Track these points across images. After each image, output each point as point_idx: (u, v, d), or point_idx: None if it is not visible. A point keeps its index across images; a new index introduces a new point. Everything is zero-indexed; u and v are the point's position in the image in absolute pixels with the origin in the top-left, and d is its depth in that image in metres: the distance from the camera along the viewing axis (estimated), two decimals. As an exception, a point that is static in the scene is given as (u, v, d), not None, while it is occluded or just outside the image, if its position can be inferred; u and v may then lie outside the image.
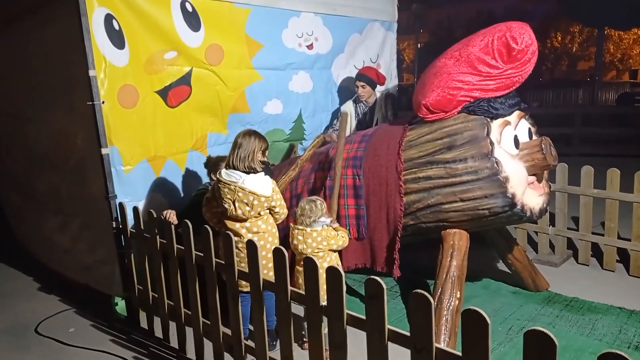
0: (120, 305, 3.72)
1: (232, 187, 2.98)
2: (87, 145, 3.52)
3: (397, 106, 4.79)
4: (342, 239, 3.17)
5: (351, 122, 4.72)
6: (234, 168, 3.01)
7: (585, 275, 4.28)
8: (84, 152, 3.61)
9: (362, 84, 4.59)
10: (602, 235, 4.38)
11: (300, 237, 3.10)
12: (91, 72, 3.28)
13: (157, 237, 3.16)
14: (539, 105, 16.05)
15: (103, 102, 3.33)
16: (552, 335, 1.50)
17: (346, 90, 5.03)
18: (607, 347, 3.08)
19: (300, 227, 3.11)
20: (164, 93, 3.70)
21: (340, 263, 3.28)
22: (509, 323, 3.46)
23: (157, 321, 3.40)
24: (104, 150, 3.38)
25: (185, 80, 3.81)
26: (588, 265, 4.47)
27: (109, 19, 3.35)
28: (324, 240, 3.09)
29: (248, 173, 3.01)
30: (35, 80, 4.02)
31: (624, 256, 4.36)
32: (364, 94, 4.61)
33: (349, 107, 4.71)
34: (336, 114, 4.83)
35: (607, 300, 3.74)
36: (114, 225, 3.48)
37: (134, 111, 3.53)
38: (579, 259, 4.55)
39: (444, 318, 3.04)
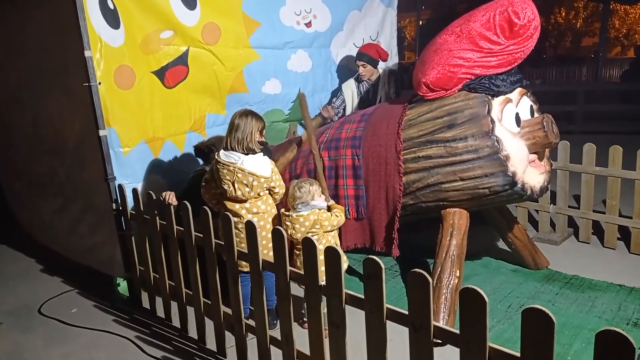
0: (122, 286, 3.75)
1: (232, 168, 2.97)
2: (84, 127, 3.49)
3: (399, 84, 4.73)
4: (336, 218, 3.14)
5: (353, 101, 4.67)
6: (232, 149, 3.00)
7: (585, 253, 4.28)
8: (82, 134, 3.59)
9: (362, 63, 4.51)
10: (604, 213, 4.37)
11: (288, 223, 3.08)
12: (87, 53, 3.23)
13: (157, 218, 3.16)
14: (542, 82, 15.86)
15: (99, 84, 3.30)
16: (549, 313, 1.49)
17: (346, 69, 4.97)
18: (607, 324, 3.10)
19: (287, 213, 3.09)
20: (160, 73, 3.66)
21: (338, 243, 3.28)
22: (509, 301, 3.48)
23: (159, 301, 3.43)
24: (101, 132, 3.35)
25: (182, 60, 3.76)
26: (589, 243, 4.47)
27: (103, -2, 3.29)
28: (315, 223, 3.07)
29: (247, 154, 2.99)
30: (31, 62, 3.97)
31: (625, 234, 4.35)
32: (366, 73, 4.54)
33: (350, 85, 4.65)
34: (336, 93, 4.77)
35: (607, 277, 3.75)
36: (114, 207, 3.47)
37: (131, 92, 3.50)
38: (579, 237, 4.55)
39: (444, 296, 3.05)
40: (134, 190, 3.37)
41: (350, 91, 4.63)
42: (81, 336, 3.29)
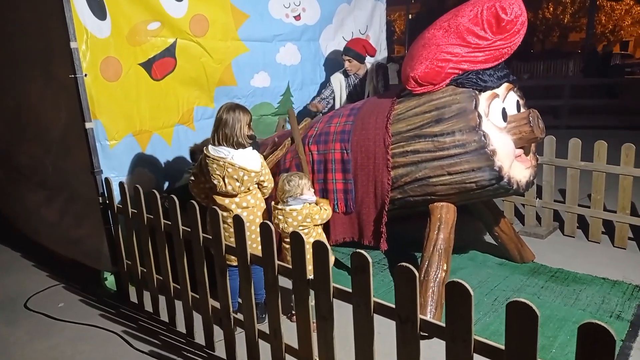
0: (110, 280, 3.73)
1: (221, 162, 2.95)
2: (70, 118, 3.45)
3: (387, 78, 4.73)
4: (325, 211, 3.16)
5: (341, 94, 4.67)
6: (221, 144, 2.98)
7: (570, 247, 4.35)
8: (68, 124, 3.54)
9: (348, 58, 4.51)
10: (589, 207, 4.43)
11: (280, 217, 3.09)
12: (72, 44, 3.19)
13: (144, 212, 3.14)
14: (529, 77, 15.99)
15: (85, 75, 3.26)
16: (533, 306, 1.51)
17: (334, 62, 4.96)
18: (590, 316, 3.16)
19: (280, 207, 3.09)
20: (148, 65, 3.62)
21: (325, 238, 3.29)
22: (495, 294, 3.52)
23: (146, 295, 3.41)
24: (87, 125, 3.31)
25: (170, 52, 3.73)
26: (574, 237, 4.54)
27: (88, -12, 3.24)
28: (307, 217, 3.07)
29: (236, 149, 2.98)
30: (13, 49, 3.90)
31: (609, 228, 4.42)
32: (351, 68, 4.54)
33: (338, 78, 4.64)
34: (324, 85, 4.77)
35: (592, 271, 3.81)
36: (100, 201, 3.44)
37: (118, 84, 3.46)
38: (564, 231, 4.61)
39: (431, 290, 3.08)
40: (121, 184, 3.34)
41: (339, 83, 4.63)
42: (67, 330, 3.27)
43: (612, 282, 3.63)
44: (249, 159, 3.01)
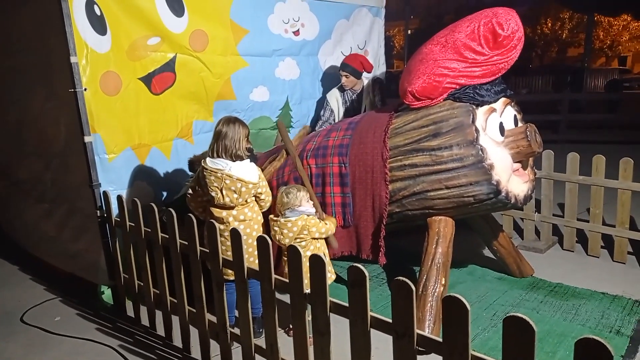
0: (107, 294, 3.71)
1: (219, 174, 2.96)
2: (69, 132, 3.47)
3: (385, 92, 4.76)
4: (325, 226, 3.15)
5: (339, 110, 4.69)
6: (220, 156, 2.99)
7: (569, 261, 4.33)
8: (67, 139, 3.56)
9: (345, 74, 4.53)
10: (587, 221, 4.43)
11: (276, 228, 3.09)
12: (72, 59, 3.22)
13: (142, 225, 3.14)
14: (528, 92, 16.10)
15: (85, 89, 3.28)
16: (530, 321, 1.51)
17: (333, 77, 4.99)
18: (590, 332, 3.13)
19: (275, 218, 3.10)
20: (147, 80, 3.65)
21: (327, 252, 3.28)
22: (494, 309, 3.50)
23: (143, 309, 3.39)
24: (86, 138, 3.33)
25: (169, 66, 3.76)
26: (573, 251, 4.52)
27: (90, 4, 3.28)
28: (303, 229, 3.07)
29: (234, 161, 2.99)
30: (14, 63, 3.93)
31: (608, 242, 4.41)
32: (348, 84, 4.56)
33: (335, 94, 4.67)
34: (322, 103, 4.79)
35: (591, 285, 3.79)
36: (98, 214, 3.44)
37: (117, 98, 3.48)
38: (564, 245, 4.60)
39: (429, 304, 3.06)
40: (119, 197, 3.35)
41: (336, 100, 4.66)
42: (64, 344, 3.24)
43: (612, 297, 3.61)
44: (247, 171, 3.02)
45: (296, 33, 4.64)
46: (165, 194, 3.87)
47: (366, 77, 4.70)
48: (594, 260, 4.34)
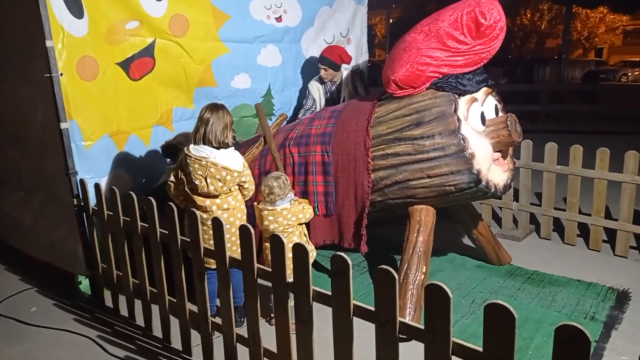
0: (84, 284, 3.65)
1: (204, 162, 2.92)
2: (46, 119, 3.38)
3: (366, 82, 4.74)
4: (308, 211, 3.20)
5: (320, 101, 4.66)
6: (203, 144, 2.94)
7: (546, 249, 4.42)
8: (44, 126, 3.47)
9: (323, 67, 4.48)
10: (564, 210, 4.52)
11: (271, 218, 3.07)
12: (48, 43, 3.12)
13: (121, 214, 3.08)
14: (507, 82, 16.29)
15: (61, 74, 3.19)
16: (511, 308, 1.53)
17: (316, 66, 4.95)
18: (566, 318, 3.21)
19: (270, 208, 3.08)
20: (125, 65, 3.56)
21: (307, 232, 3.31)
22: (472, 296, 3.55)
23: (122, 299, 3.35)
24: (62, 125, 3.24)
25: (148, 51, 3.67)
26: (550, 240, 4.62)
27: (66, -14, 3.17)
28: (294, 215, 3.09)
29: (219, 148, 2.94)
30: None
31: (584, 230, 4.51)
32: (327, 76, 4.53)
33: (316, 85, 4.63)
34: (304, 92, 4.75)
35: (567, 273, 3.88)
36: (75, 203, 3.37)
37: (95, 84, 3.39)
38: (541, 234, 4.69)
39: (410, 292, 3.09)
40: (97, 185, 3.28)
41: (317, 90, 4.62)
42: (41, 335, 3.18)
43: (587, 284, 3.70)
44: (232, 159, 2.99)
45: (278, 19, 4.57)
46: (144, 182, 3.81)
47: (346, 68, 4.67)
48: (570, 249, 4.43)
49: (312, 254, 3.15)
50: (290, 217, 3.09)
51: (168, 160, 3.62)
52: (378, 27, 31.15)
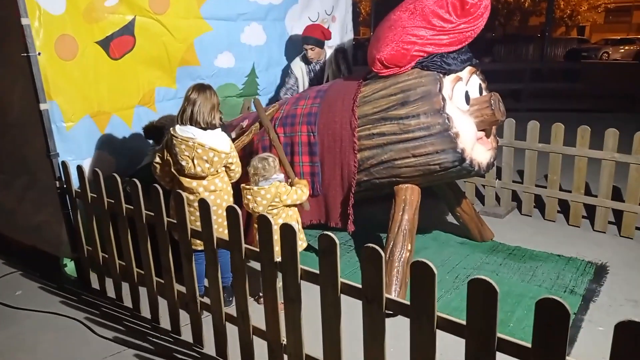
0: (70, 267, 3.63)
1: (190, 143, 2.89)
2: (25, 100, 3.30)
3: (350, 61, 4.71)
4: (295, 192, 3.16)
5: (304, 81, 4.61)
6: (190, 124, 2.90)
7: (528, 225, 4.52)
8: (23, 107, 3.38)
9: (310, 46, 4.40)
10: (545, 187, 4.60)
11: (249, 197, 3.08)
12: (24, 21, 3.03)
13: (105, 196, 3.05)
14: (490, 61, 16.34)
15: (39, 54, 3.11)
16: (493, 283, 1.57)
17: (300, 44, 4.90)
18: (546, 292, 3.30)
19: (248, 187, 3.09)
20: (105, 44, 3.48)
21: (299, 219, 3.30)
22: (456, 272, 3.63)
23: (109, 282, 3.34)
24: (42, 106, 3.18)
25: (129, 29, 3.59)
26: (531, 216, 4.71)
27: (40, -39, 3.07)
28: (275, 197, 3.08)
29: (205, 129, 2.91)
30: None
31: (564, 207, 4.61)
32: (314, 56, 4.46)
33: (299, 65, 4.57)
34: (287, 71, 4.69)
35: (547, 248, 3.97)
36: (58, 185, 3.32)
37: (74, 63, 3.32)
38: (522, 210, 4.78)
39: (395, 269, 3.15)
40: (79, 167, 3.24)
41: (300, 70, 4.57)
42: (27, 319, 3.17)
43: (567, 258, 3.80)
44: (219, 140, 2.96)
45: (262, -4, 4.49)
46: (127, 163, 3.76)
47: (329, 47, 4.62)
48: (550, 225, 4.54)
49: (302, 244, 3.16)
50: (270, 198, 3.07)
51: (151, 142, 3.57)
52: (363, 4, 30.79)
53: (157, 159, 3.09)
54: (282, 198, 3.09)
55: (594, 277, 3.51)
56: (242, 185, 3.15)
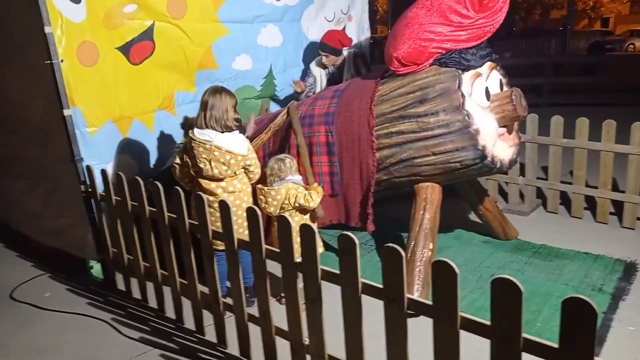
0: (96, 268, 3.70)
1: (208, 146, 2.92)
2: (48, 106, 3.38)
3: (369, 63, 4.68)
4: (304, 197, 3.08)
5: (322, 83, 4.61)
6: (207, 127, 2.94)
7: (553, 223, 4.43)
8: (46, 113, 3.47)
9: (324, 54, 4.41)
10: (571, 183, 4.50)
11: (261, 197, 3.09)
12: (47, 29, 3.10)
13: (128, 199, 3.10)
14: (511, 55, 16.07)
15: (62, 61, 3.18)
16: (517, 283, 1.54)
17: (317, 45, 4.90)
18: (573, 290, 3.23)
19: (260, 186, 3.10)
20: (125, 49, 3.54)
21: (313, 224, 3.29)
22: (480, 271, 3.58)
23: (134, 282, 3.40)
24: (66, 112, 3.25)
25: (148, 35, 3.64)
26: (557, 213, 4.61)
27: (61, -29, 3.14)
28: (285, 198, 3.07)
29: (223, 132, 2.94)
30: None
31: (591, 203, 4.50)
32: (329, 62, 4.46)
33: (317, 67, 4.57)
34: (306, 71, 4.69)
35: (574, 246, 3.88)
36: (83, 189, 3.39)
37: (95, 69, 3.38)
38: (547, 208, 4.68)
39: (417, 269, 3.12)
40: (103, 171, 3.30)
41: (319, 72, 4.57)
42: (55, 319, 3.24)
43: (594, 256, 3.71)
44: (236, 142, 2.99)
45: (278, -2, 4.50)
46: (149, 166, 3.82)
47: (347, 49, 4.59)
48: (577, 222, 4.44)
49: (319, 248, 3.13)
50: (281, 199, 3.06)
51: (178, 142, 3.60)
52: (380, 1, 30.66)
53: (177, 160, 3.13)
54: (290, 200, 3.08)
55: (623, 275, 3.42)
56: (258, 185, 3.17)
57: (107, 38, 3.43)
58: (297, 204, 3.10)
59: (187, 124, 3.50)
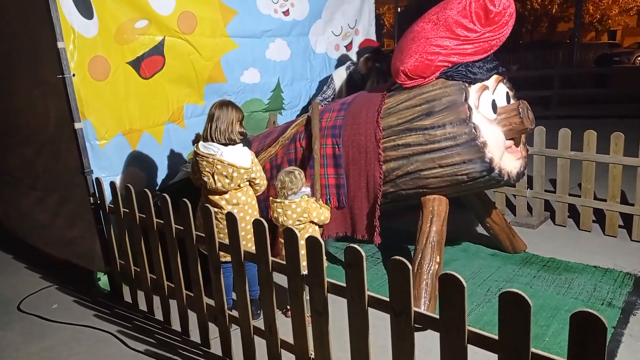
0: (103, 280, 3.72)
1: (210, 159, 2.95)
2: (59, 119, 3.43)
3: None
4: (323, 214, 3.19)
5: (342, 89, 4.65)
6: (213, 141, 2.98)
7: (562, 236, 4.39)
8: (57, 126, 3.52)
9: (367, 56, 4.53)
10: (579, 196, 4.47)
11: (279, 210, 3.10)
12: (60, 44, 3.16)
13: (136, 211, 3.13)
14: (518, 68, 16.09)
15: (73, 75, 3.23)
16: (526, 296, 1.53)
17: (324, 57, 4.95)
18: (582, 305, 3.19)
19: (279, 200, 3.11)
20: (136, 64, 3.59)
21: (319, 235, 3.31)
22: (487, 285, 3.55)
23: (140, 295, 3.41)
24: (77, 125, 3.29)
25: (158, 50, 3.70)
26: (565, 226, 4.58)
27: (75, -13, 3.21)
28: (304, 211, 3.10)
29: (227, 145, 2.98)
30: (1, 51, 3.86)
31: (600, 216, 4.47)
32: (365, 67, 4.56)
33: (340, 74, 4.62)
34: (326, 81, 4.73)
35: (583, 259, 3.85)
36: (92, 201, 3.42)
37: (106, 83, 3.44)
38: (556, 220, 4.65)
39: (424, 282, 3.10)
40: (112, 184, 3.33)
41: (340, 80, 4.62)
42: (62, 331, 3.25)
43: (604, 270, 3.67)
44: (239, 156, 3.01)
45: (286, 13, 4.57)
46: (158, 179, 3.85)
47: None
48: (585, 235, 4.40)
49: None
50: (300, 212, 3.09)
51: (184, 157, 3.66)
52: (386, 16, 30.89)
53: (192, 172, 3.17)
54: (310, 214, 3.11)
55: (633, 289, 3.37)
56: (271, 198, 3.18)
57: (118, 53, 3.49)
58: (315, 219, 3.14)
59: (197, 140, 3.55)
